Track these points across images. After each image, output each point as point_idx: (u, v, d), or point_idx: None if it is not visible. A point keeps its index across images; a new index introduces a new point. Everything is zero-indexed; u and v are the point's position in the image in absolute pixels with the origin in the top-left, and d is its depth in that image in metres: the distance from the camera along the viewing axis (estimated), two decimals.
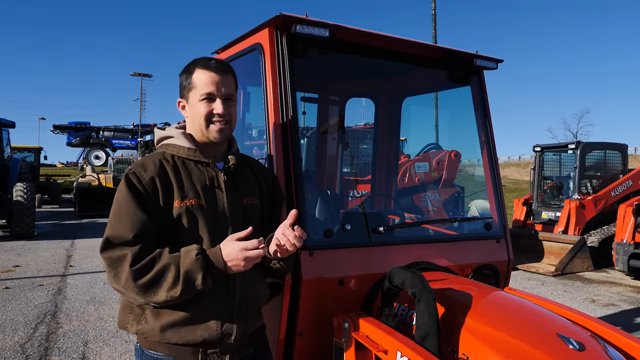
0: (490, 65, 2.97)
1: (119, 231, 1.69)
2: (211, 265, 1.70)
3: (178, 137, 1.89)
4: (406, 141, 6.77)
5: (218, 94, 1.84)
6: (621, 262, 8.62)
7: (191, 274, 1.65)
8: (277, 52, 2.44)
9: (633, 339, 2.11)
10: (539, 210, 11.77)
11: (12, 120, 14.96)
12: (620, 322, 6.26)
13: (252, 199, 1.95)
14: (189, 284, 1.65)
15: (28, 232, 12.72)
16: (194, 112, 1.87)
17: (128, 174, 1.77)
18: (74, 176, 29.33)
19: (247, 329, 1.87)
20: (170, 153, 1.87)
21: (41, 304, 6.63)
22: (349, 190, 4.72)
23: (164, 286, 1.65)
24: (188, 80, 1.88)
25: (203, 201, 1.80)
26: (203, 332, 1.75)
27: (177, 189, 1.78)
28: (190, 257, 1.67)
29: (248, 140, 4.69)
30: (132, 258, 1.65)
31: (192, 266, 1.66)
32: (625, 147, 11.64)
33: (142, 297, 1.67)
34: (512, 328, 1.93)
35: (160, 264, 1.67)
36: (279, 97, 2.41)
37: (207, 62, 1.87)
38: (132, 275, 1.65)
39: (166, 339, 1.75)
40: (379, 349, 2.01)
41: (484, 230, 2.96)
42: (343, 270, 2.42)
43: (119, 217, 1.71)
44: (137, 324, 1.79)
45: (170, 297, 1.65)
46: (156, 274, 1.66)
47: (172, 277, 1.65)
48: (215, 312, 1.77)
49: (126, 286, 1.66)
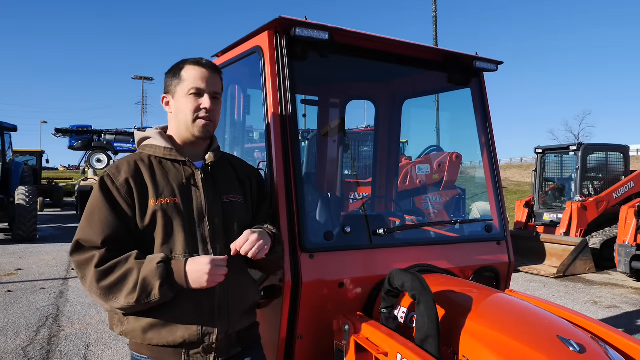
0: (490, 67, 2.98)
1: (89, 235, 1.71)
2: (171, 275, 1.68)
3: (155, 137, 1.90)
4: (407, 143, 6.78)
5: (207, 90, 1.86)
6: (623, 264, 8.60)
7: (149, 282, 1.64)
8: (277, 55, 2.44)
9: (634, 341, 2.10)
10: (540, 212, 11.75)
11: (14, 123, 14.99)
12: (622, 324, 6.24)
13: (233, 196, 1.95)
14: (145, 292, 1.64)
15: (30, 235, 12.73)
16: (180, 106, 1.88)
17: (102, 177, 1.78)
18: (75, 179, 29.40)
19: (230, 329, 1.85)
20: (147, 153, 1.88)
21: (43, 307, 6.63)
22: (350, 193, 4.73)
23: (124, 291, 1.65)
24: (176, 75, 1.89)
25: (179, 199, 1.80)
26: (183, 333, 1.75)
27: (152, 188, 1.78)
28: (151, 265, 1.67)
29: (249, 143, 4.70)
30: (99, 259, 1.67)
31: (150, 274, 1.65)
32: (627, 148, 11.63)
33: (104, 300, 1.68)
34: (512, 330, 1.92)
35: (124, 268, 1.67)
36: (279, 99, 2.42)
37: (197, 60, 1.90)
38: (95, 277, 1.66)
39: (147, 340, 1.75)
40: (379, 351, 2.01)
41: (484, 232, 2.95)
42: (343, 273, 2.42)
43: (90, 220, 1.73)
44: (121, 325, 1.79)
45: (127, 303, 1.65)
46: (118, 277, 1.66)
47: (132, 283, 1.65)
48: (194, 313, 1.77)
49: (91, 288, 1.68)
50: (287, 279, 2.24)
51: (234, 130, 3.64)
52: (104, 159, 35.81)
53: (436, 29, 21.82)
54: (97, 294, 1.67)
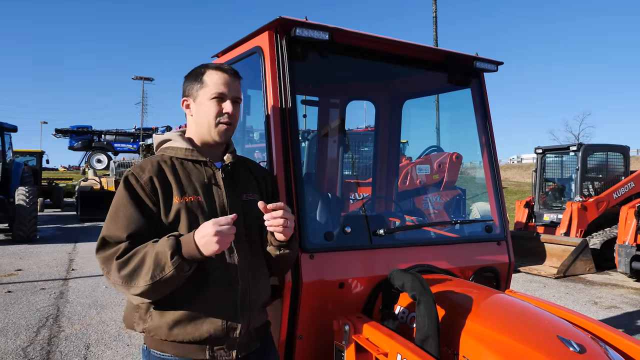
0: (490, 67, 2.98)
1: (114, 231, 1.72)
2: (182, 245, 1.67)
3: (175, 139, 1.94)
4: (407, 144, 6.78)
5: (229, 95, 1.90)
6: (623, 264, 8.60)
7: (161, 257, 1.64)
8: (277, 55, 2.45)
9: (634, 341, 2.10)
10: (540, 212, 11.75)
11: (14, 124, 15.01)
12: (623, 324, 6.24)
13: (252, 194, 1.98)
14: (159, 267, 1.63)
15: (30, 235, 12.74)
16: (202, 110, 1.91)
17: (127, 176, 1.80)
18: (76, 180, 29.40)
19: (251, 324, 1.88)
20: (169, 155, 1.91)
21: (43, 307, 6.63)
22: (350, 193, 4.73)
23: (142, 274, 1.65)
24: (198, 79, 1.91)
25: (202, 198, 1.83)
26: (209, 327, 1.76)
27: (176, 187, 1.81)
28: (162, 240, 1.68)
29: (249, 144, 4.70)
30: (121, 252, 1.68)
31: (161, 248, 1.65)
32: (627, 148, 11.63)
33: (126, 288, 1.67)
34: (512, 330, 1.93)
35: (141, 253, 1.67)
36: (279, 100, 2.42)
37: (219, 65, 1.94)
38: (117, 268, 1.67)
39: (172, 337, 1.76)
40: (379, 351, 2.01)
41: (484, 232, 2.96)
42: (343, 273, 2.42)
43: (115, 218, 1.74)
44: (143, 322, 1.80)
45: (145, 284, 1.64)
46: (137, 263, 1.66)
47: (148, 265, 1.65)
48: (219, 307, 1.79)
49: (115, 280, 1.69)
50: (287, 279, 2.24)
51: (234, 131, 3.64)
52: (104, 159, 35.84)
53: (436, 29, 21.83)
54: (120, 283, 1.67)
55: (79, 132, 36.80)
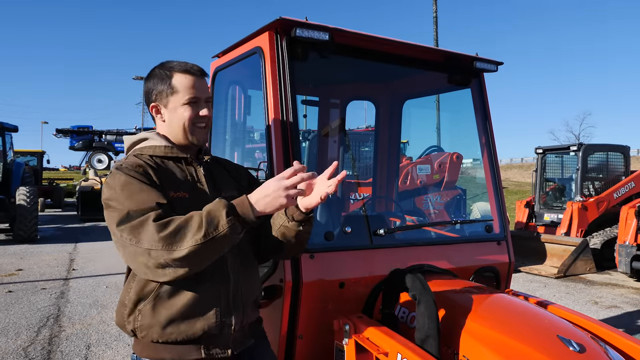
0: (490, 67, 2.98)
1: (138, 204, 1.62)
2: (236, 206, 1.63)
3: (153, 137, 1.88)
4: (407, 144, 6.78)
5: (202, 98, 1.86)
6: (624, 264, 8.61)
7: (214, 215, 1.58)
8: (277, 55, 2.45)
9: (634, 341, 2.11)
10: (541, 212, 11.75)
11: (15, 124, 15.03)
12: (623, 324, 6.24)
13: (230, 191, 1.94)
14: (212, 224, 1.57)
15: (31, 235, 12.74)
16: (176, 117, 1.85)
17: (119, 168, 1.73)
18: (76, 180, 29.41)
19: (245, 320, 1.86)
20: (147, 154, 1.84)
21: (44, 307, 6.64)
22: (350, 193, 4.74)
23: (189, 234, 1.57)
24: (166, 84, 1.84)
25: (188, 195, 1.80)
26: (203, 325, 1.73)
27: (166, 183, 1.76)
28: (214, 201, 1.63)
29: (249, 144, 4.71)
30: (156, 216, 1.60)
31: (214, 207, 1.60)
32: (627, 148, 11.63)
33: (167, 251, 1.56)
34: (512, 330, 1.93)
35: (184, 217, 1.61)
36: (280, 100, 2.42)
37: (185, 66, 1.86)
38: (156, 229, 1.56)
39: (166, 336, 1.72)
40: (379, 351, 2.01)
41: (484, 232, 2.96)
42: (344, 273, 2.42)
43: (131, 197, 1.64)
44: (133, 321, 1.74)
45: (195, 242, 1.55)
46: (180, 224, 1.58)
47: (197, 223, 1.58)
48: (212, 303, 1.75)
49: (150, 244, 1.56)
50: (287, 279, 2.25)
51: (235, 131, 3.65)
52: (105, 159, 35.79)
53: (437, 29, 21.82)
54: (160, 247, 1.56)
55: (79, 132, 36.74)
